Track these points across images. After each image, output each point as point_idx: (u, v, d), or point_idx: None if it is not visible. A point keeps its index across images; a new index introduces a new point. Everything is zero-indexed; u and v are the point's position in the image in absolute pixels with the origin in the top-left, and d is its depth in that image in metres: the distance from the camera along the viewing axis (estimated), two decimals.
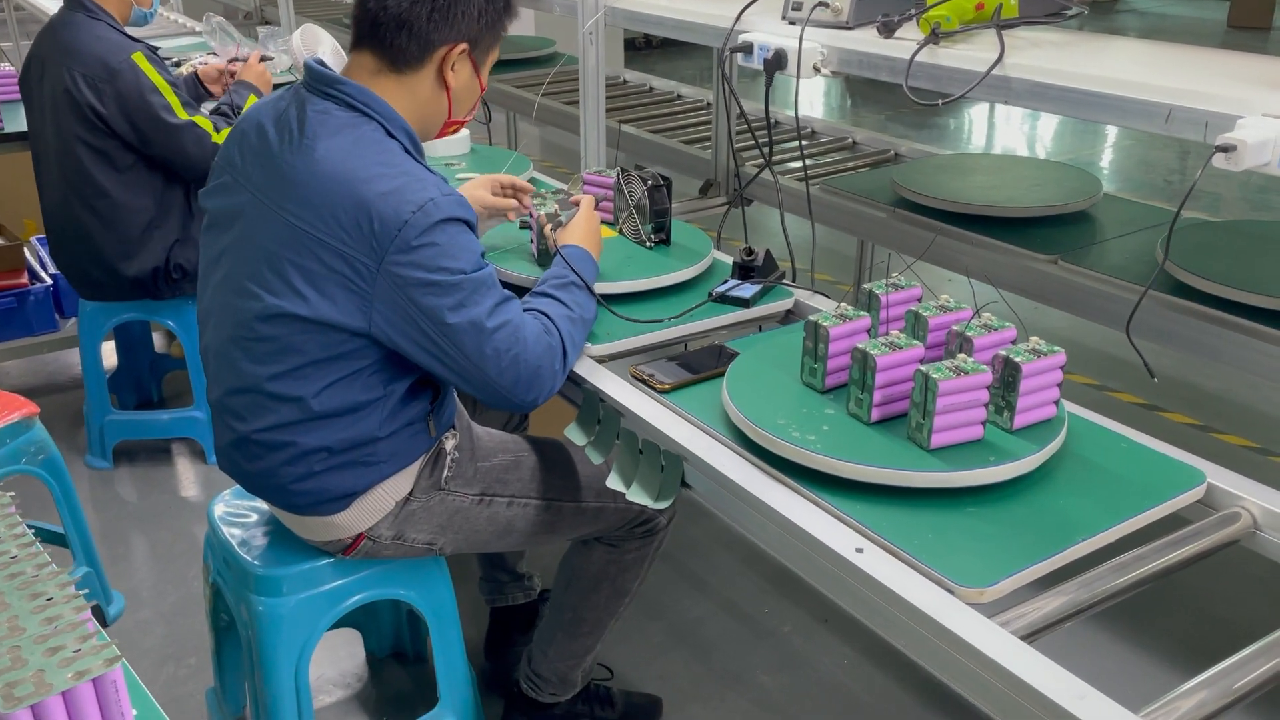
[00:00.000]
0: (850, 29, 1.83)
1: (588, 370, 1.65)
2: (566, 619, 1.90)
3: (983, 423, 1.33)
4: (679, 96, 3.73)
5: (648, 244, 2.01)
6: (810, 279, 1.99)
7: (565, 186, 2.42)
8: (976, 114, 7.25)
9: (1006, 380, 1.35)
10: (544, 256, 1.87)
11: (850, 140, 3.11)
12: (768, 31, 1.91)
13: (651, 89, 3.85)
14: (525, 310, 1.54)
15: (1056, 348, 1.36)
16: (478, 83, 1.59)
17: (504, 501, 1.70)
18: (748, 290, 1.86)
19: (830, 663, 2.26)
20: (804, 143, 3.18)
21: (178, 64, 3.34)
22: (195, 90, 3.10)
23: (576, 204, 1.87)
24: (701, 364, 1.62)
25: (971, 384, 1.29)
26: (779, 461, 1.35)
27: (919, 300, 1.57)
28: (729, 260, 2.02)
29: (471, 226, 1.47)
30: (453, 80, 1.54)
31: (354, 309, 1.43)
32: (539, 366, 1.48)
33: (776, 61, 1.88)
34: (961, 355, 1.32)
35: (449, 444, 1.67)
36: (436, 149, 2.64)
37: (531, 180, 2.58)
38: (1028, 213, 2.28)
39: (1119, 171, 6.25)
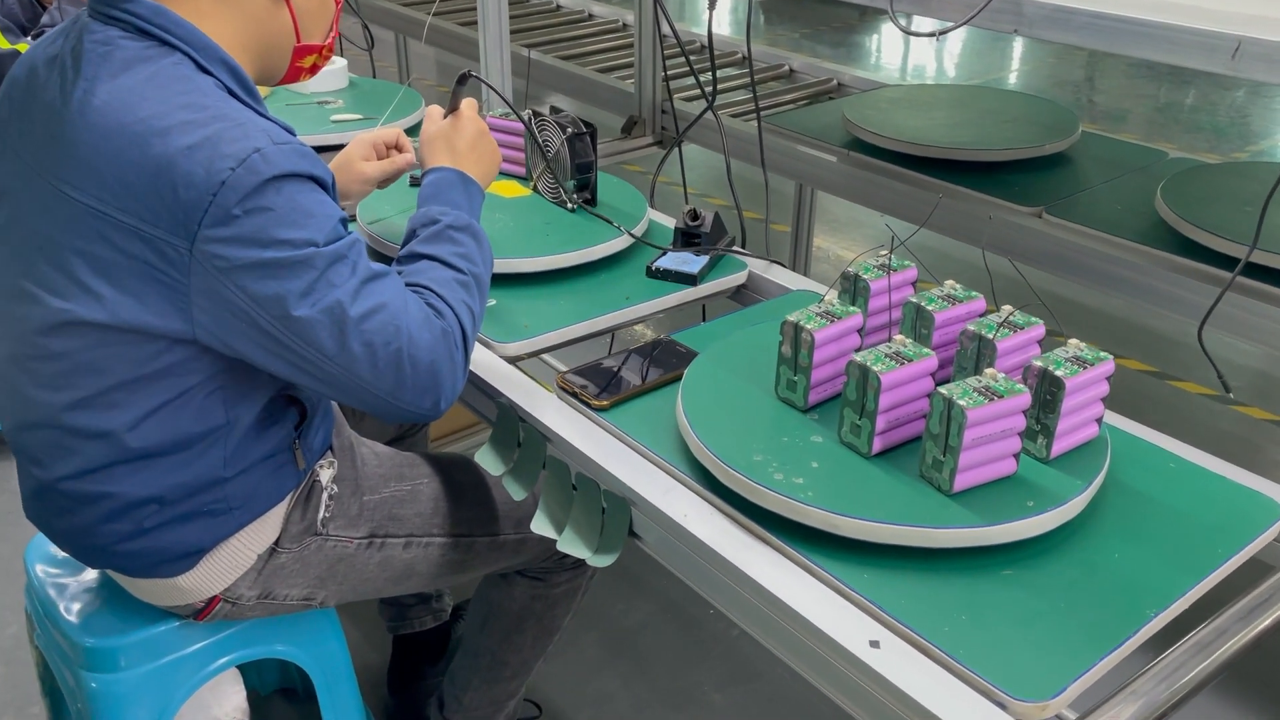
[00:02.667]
0: None
1: (500, 378, 1.30)
2: (484, 664, 1.58)
3: (1016, 455, 1.04)
4: (590, 16, 3.31)
5: (569, 206, 1.65)
6: (764, 244, 1.67)
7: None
8: (891, 30, 6.96)
9: (1044, 399, 1.05)
10: None
11: (787, 68, 2.77)
12: None
13: (558, 7, 3.42)
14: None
15: (1103, 354, 1.08)
16: None
17: (399, 543, 1.36)
18: (694, 264, 1.53)
19: (785, 671, 2.00)
20: (735, 71, 2.83)
21: None
22: (32, 10, 2.58)
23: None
24: (647, 368, 1.29)
25: (1007, 409, 1.00)
26: (757, 511, 1.04)
27: (915, 284, 1.27)
28: (668, 222, 1.69)
29: (323, 184, 1.09)
30: None
31: (168, 307, 1.05)
32: (432, 362, 1.10)
33: None
34: (990, 372, 1.02)
35: (325, 475, 1.32)
36: (307, 84, 2.21)
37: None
38: (1002, 155, 1.98)
39: (1034, 91, 6.05)
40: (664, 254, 1.56)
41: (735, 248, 1.62)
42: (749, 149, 1.87)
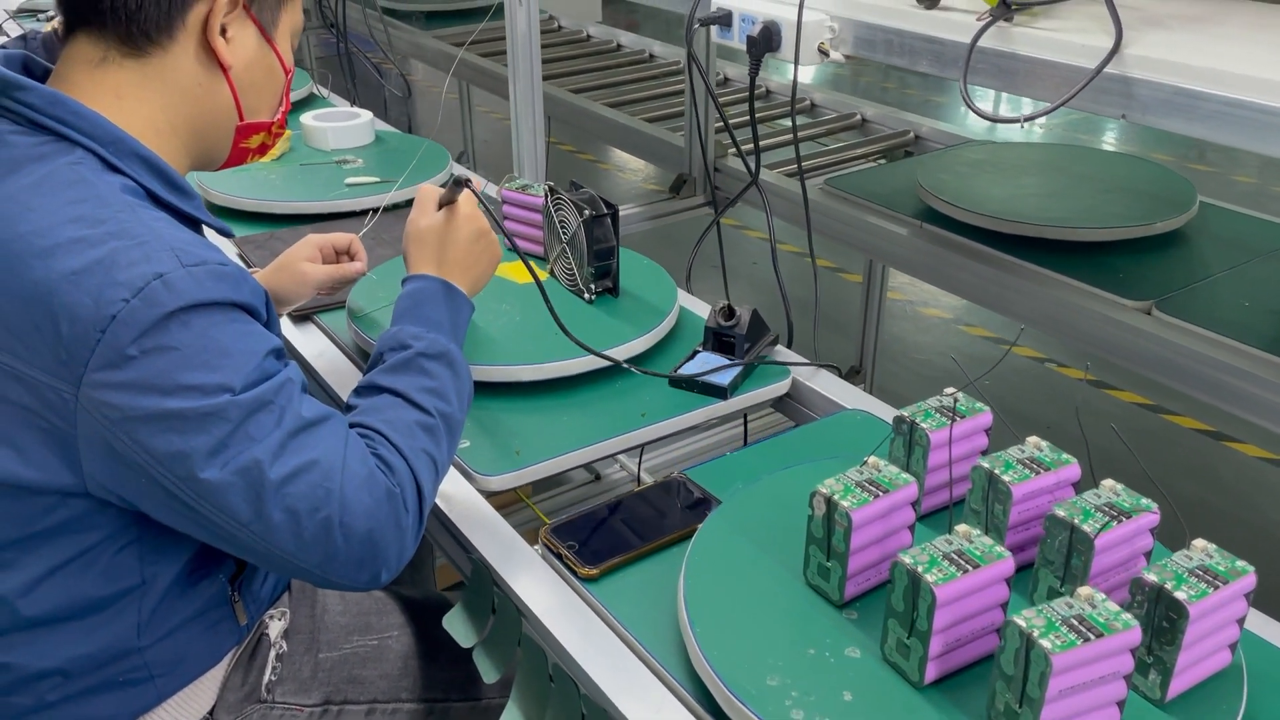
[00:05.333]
0: None
1: (476, 525, 1.08)
2: None
3: (1120, 703, 0.78)
4: (651, 57, 3.11)
5: (586, 296, 1.44)
6: (812, 346, 1.43)
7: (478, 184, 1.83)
8: None
9: (1159, 625, 0.79)
10: None
11: (859, 117, 2.51)
12: None
13: (619, 47, 3.22)
14: (351, 425, 0.96)
15: (1243, 565, 0.81)
16: (274, 56, 1.01)
17: (360, 710, 1.15)
18: (725, 373, 1.30)
19: None
20: (802, 119, 2.58)
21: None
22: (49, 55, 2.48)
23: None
24: (650, 522, 1.06)
25: (1107, 650, 0.74)
26: None
27: (988, 433, 1.01)
28: (702, 312, 1.46)
29: (249, 309, 0.90)
30: (227, 54, 0.96)
31: (53, 459, 0.87)
32: (370, 531, 0.90)
33: (765, 40, 1.29)
34: (1085, 593, 0.76)
35: (274, 629, 1.12)
36: (327, 140, 2.04)
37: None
38: (1105, 235, 1.70)
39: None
40: (692, 357, 1.33)
41: (778, 347, 1.38)
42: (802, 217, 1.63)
